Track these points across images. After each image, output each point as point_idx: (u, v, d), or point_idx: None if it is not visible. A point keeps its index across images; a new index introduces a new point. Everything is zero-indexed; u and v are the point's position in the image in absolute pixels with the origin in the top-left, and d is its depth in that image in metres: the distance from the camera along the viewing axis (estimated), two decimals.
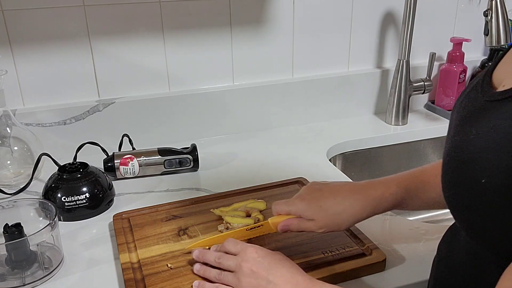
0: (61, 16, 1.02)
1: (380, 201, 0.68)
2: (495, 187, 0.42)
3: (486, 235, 0.46)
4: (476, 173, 0.44)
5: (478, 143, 0.45)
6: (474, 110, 0.49)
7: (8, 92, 0.99)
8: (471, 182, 0.45)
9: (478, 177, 0.44)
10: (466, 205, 0.47)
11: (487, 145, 0.44)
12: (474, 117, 0.48)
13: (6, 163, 0.99)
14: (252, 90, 1.21)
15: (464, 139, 0.48)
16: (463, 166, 0.47)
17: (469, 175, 0.46)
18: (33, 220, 0.78)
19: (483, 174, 0.44)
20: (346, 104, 1.32)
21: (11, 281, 0.69)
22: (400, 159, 1.28)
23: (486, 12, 1.07)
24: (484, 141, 0.45)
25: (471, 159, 0.46)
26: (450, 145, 0.51)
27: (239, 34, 1.16)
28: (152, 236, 0.79)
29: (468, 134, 0.48)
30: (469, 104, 0.51)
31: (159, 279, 0.68)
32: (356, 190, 0.69)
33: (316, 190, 0.70)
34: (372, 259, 0.70)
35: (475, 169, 0.45)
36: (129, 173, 1.00)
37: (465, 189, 0.46)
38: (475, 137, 0.46)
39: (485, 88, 0.50)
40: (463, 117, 0.51)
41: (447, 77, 1.34)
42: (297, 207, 0.68)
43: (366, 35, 1.28)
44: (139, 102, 1.12)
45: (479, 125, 0.46)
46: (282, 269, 0.59)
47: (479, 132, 0.46)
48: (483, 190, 0.43)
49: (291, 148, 1.15)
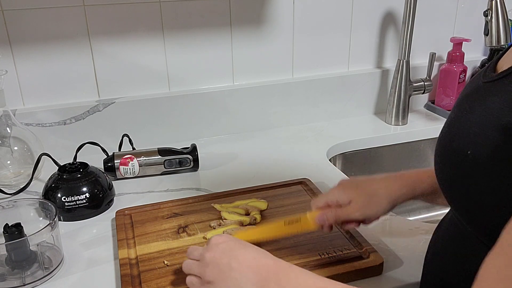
0: (61, 16, 1.02)
1: (417, 182, 0.68)
2: (479, 159, 0.43)
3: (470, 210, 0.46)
4: (463, 145, 0.46)
5: (470, 118, 0.47)
6: (471, 91, 0.51)
7: (8, 92, 0.99)
8: (457, 154, 0.47)
9: (465, 149, 0.45)
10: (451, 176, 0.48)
11: (477, 119, 0.45)
12: (471, 97, 0.50)
13: (6, 163, 0.99)
14: (252, 90, 1.21)
15: (458, 116, 0.50)
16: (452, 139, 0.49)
17: (456, 147, 0.47)
18: (33, 220, 0.78)
19: (469, 145, 0.45)
20: (346, 104, 1.32)
21: (11, 281, 0.69)
22: (400, 159, 1.28)
23: (486, 12, 1.07)
24: (476, 116, 0.46)
25: (461, 131, 0.47)
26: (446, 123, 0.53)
27: (239, 34, 1.16)
28: (152, 233, 0.79)
29: (462, 111, 0.49)
30: (469, 87, 0.53)
31: (155, 276, 0.69)
32: (394, 174, 0.70)
33: (351, 179, 0.72)
34: (369, 263, 0.70)
35: (463, 141, 0.46)
36: (129, 173, 1.00)
37: (452, 160, 0.48)
38: (468, 113, 0.48)
39: (487, 73, 0.51)
40: (461, 97, 0.53)
41: (447, 77, 1.34)
42: (333, 193, 0.69)
43: (366, 35, 1.28)
44: (139, 102, 1.12)
45: (473, 103, 0.48)
46: (246, 253, 0.55)
47: (471, 108, 0.48)
48: (467, 161, 0.44)
49: (291, 148, 1.15)
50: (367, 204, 0.66)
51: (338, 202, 0.68)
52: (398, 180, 0.68)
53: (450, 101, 1.35)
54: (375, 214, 0.67)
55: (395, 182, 0.68)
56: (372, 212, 0.67)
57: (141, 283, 0.67)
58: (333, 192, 0.69)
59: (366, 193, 0.67)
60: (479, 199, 0.44)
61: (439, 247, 0.58)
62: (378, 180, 0.69)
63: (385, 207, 0.67)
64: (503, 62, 0.51)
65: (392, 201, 0.67)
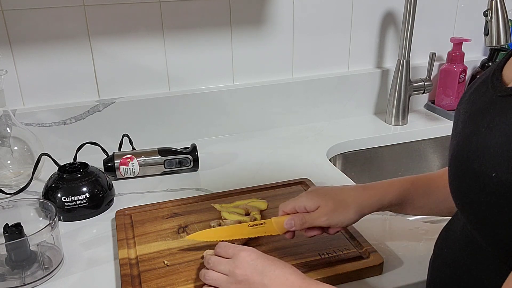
0: (61, 16, 1.02)
1: (384, 194, 0.68)
2: (505, 182, 0.42)
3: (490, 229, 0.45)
4: (485, 166, 0.44)
5: (489, 136, 0.45)
6: (485, 105, 0.49)
7: (8, 92, 0.99)
8: (479, 175, 0.45)
9: (488, 171, 0.44)
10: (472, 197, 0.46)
11: (499, 139, 0.43)
12: (486, 111, 0.48)
13: (6, 163, 0.99)
14: (252, 90, 1.21)
15: (475, 132, 0.47)
16: (472, 157, 0.46)
17: (477, 167, 0.45)
18: (33, 220, 0.78)
19: (493, 167, 0.43)
20: (346, 104, 1.32)
21: (11, 281, 0.69)
22: (400, 159, 1.28)
23: (486, 12, 1.07)
24: (496, 134, 0.44)
25: (481, 151, 0.45)
26: (460, 137, 0.50)
27: (239, 34, 1.16)
28: (152, 232, 0.79)
29: (479, 127, 0.47)
30: (479, 99, 0.51)
31: (155, 276, 0.69)
32: (363, 185, 0.71)
33: (321, 187, 0.72)
34: (369, 263, 0.70)
35: (485, 162, 0.44)
36: (129, 173, 1.00)
37: (473, 181, 0.46)
38: (486, 130, 0.46)
39: (495, 84, 0.49)
40: (473, 111, 0.50)
41: (447, 77, 1.34)
42: (301, 200, 0.69)
43: (366, 35, 1.28)
44: (139, 102, 1.12)
45: (490, 118, 0.46)
46: (276, 270, 0.58)
47: (490, 125, 0.45)
48: (492, 184, 0.43)
49: (291, 148, 1.15)
50: (334, 211, 0.67)
51: (305, 208, 0.68)
52: (366, 190, 0.69)
53: (450, 101, 1.35)
54: (341, 222, 0.67)
55: (363, 192, 0.69)
56: (339, 220, 0.67)
57: (141, 283, 0.67)
58: (302, 198, 0.69)
59: (334, 200, 0.67)
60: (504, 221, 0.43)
61: (449, 257, 0.57)
62: (347, 189, 0.70)
63: (352, 216, 0.67)
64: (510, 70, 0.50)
65: (359, 211, 0.67)
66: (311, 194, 0.70)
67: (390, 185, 0.70)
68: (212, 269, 0.63)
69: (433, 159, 1.30)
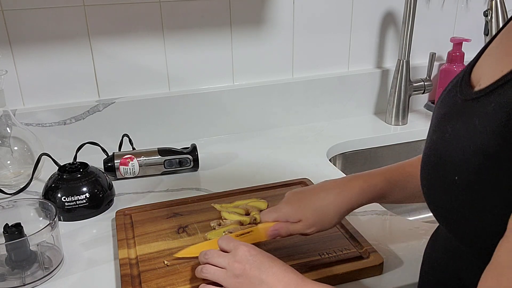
0: (61, 16, 1.02)
1: (363, 191, 0.69)
2: (468, 185, 0.43)
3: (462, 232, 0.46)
4: (449, 171, 0.45)
5: (452, 142, 0.46)
6: (451, 109, 0.50)
7: (8, 92, 0.99)
8: (445, 180, 0.46)
9: (452, 175, 0.45)
10: (442, 202, 0.48)
11: (461, 144, 0.45)
12: (451, 116, 0.49)
13: (6, 163, 0.99)
14: (252, 90, 1.21)
15: (440, 137, 0.49)
16: (438, 164, 0.48)
17: (443, 173, 0.47)
18: (33, 220, 0.78)
19: (455, 172, 0.44)
20: (346, 104, 1.32)
21: (11, 281, 0.69)
22: (400, 159, 1.27)
23: (486, 12, 1.07)
24: (458, 140, 0.45)
25: (446, 157, 0.47)
26: (428, 143, 0.52)
27: (239, 34, 1.16)
28: (152, 233, 0.79)
29: (444, 132, 0.49)
30: (448, 103, 0.52)
31: (155, 276, 0.69)
32: (338, 184, 0.70)
33: (299, 193, 0.72)
34: (369, 263, 0.70)
35: (449, 168, 0.46)
36: (129, 173, 1.00)
37: (440, 186, 0.47)
38: (450, 135, 0.47)
39: (463, 87, 0.50)
40: (441, 115, 0.52)
41: (447, 77, 1.34)
42: (283, 212, 0.69)
43: (366, 35, 1.28)
44: (139, 102, 1.12)
45: (454, 124, 0.47)
46: (274, 267, 0.59)
47: (454, 131, 0.47)
48: (456, 188, 0.44)
49: (291, 148, 1.15)
50: (317, 220, 0.68)
51: (287, 220, 0.68)
52: (342, 192, 0.69)
53: None
54: (325, 228, 0.69)
55: (339, 195, 0.68)
56: (323, 228, 0.69)
57: (141, 283, 0.67)
58: (282, 210, 0.69)
59: (314, 211, 0.68)
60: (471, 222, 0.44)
61: (436, 261, 0.57)
62: (323, 194, 0.69)
63: (334, 221, 0.69)
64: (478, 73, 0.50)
65: (340, 214, 0.68)
66: (290, 205, 0.70)
67: (367, 183, 0.70)
68: (208, 262, 0.62)
69: None
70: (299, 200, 0.70)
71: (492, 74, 0.45)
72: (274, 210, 0.70)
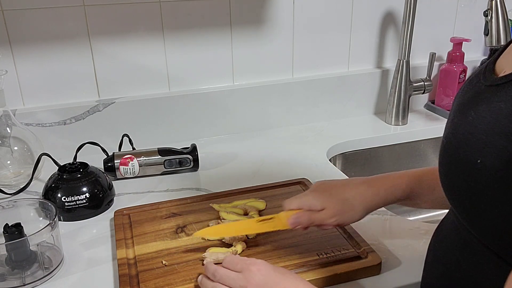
0: (61, 16, 1.02)
1: (391, 189, 0.68)
2: (490, 168, 0.42)
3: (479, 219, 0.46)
4: (472, 154, 0.45)
5: (475, 124, 0.46)
6: (474, 95, 0.50)
7: (8, 92, 0.99)
8: (466, 163, 0.45)
9: (474, 158, 0.44)
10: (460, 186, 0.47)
11: (485, 126, 0.44)
12: (474, 101, 0.49)
13: (6, 163, 1.00)
14: (252, 90, 1.21)
15: (463, 121, 0.49)
16: (459, 146, 0.47)
17: (465, 156, 0.46)
18: (33, 220, 0.78)
19: (478, 154, 0.44)
20: (346, 104, 1.32)
21: (11, 281, 0.69)
22: (400, 159, 1.28)
23: (486, 12, 1.07)
24: (482, 122, 0.45)
25: (468, 139, 0.46)
26: (449, 128, 0.52)
27: (239, 34, 1.16)
28: (150, 233, 0.79)
29: (467, 116, 0.48)
30: (471, 89, 0.52)
31: (153, 276, 0.69)
32: (367, 180, 0.70)
33: (326, 183, 0.71)
34: (367, 262, 0.70)
35: (471, 150, 0.45)
36: (129, 173, 1.00)
37: (461, 169, 0.47)
38: (473, 119, 0.47)
39: (487, 75, 0.50)
40: (464, 101, 0.51)
41: (447, 77, 1.34)
42: (307, 198, 0.68)
43: (366, 35, 1.28)
44: (139, 102, 1.12)
45: (478, 107, 0.47)
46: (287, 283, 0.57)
47: (477, 114, 0.46)
48: (478, 170, 0.43)
49: (291, 148, 1.15)
50: (342, 212, 0.67)
51: (310, 207, 0.68)
52: (371, 187, 0.68)
53: (450, 101, 1.35)
54: (349, 220, 0.68)
55: (368, 189, 0.68)
56: (347, 219, 0.68)
57: (139, 283, 0.67)
58: (307, 197, 0.69)
59: (340, 201, 0.67)
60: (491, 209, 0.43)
61: (440, 253, 0.57)
62: (351, 186, 0.69)
63: (360, 214, 0.68)
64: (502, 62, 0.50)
65: (366, 209, 0.68)
66: (316, 193, 0.69)
67: (396, 180, 0.69)
68: (220, 282, 0.60)
69: (433, 159, 1.30)
70: (325, 190, 0.69)
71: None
72: (298, 197, 0.70)
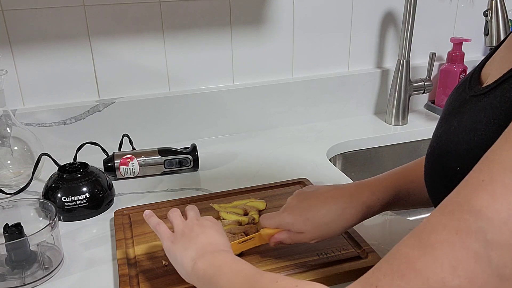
0: (61, 16, 1.02)
1: (369, 206, 0.67)
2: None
3: None
4: (453, 161, 0.47)
5: (457, 133, 0.48)
6: (459, 104, 0.51)
7: (8, 92, 0.99)
8: (448, 170, 0.47)
9: (454, 165, 0.46)
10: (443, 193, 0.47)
11: (466, 135, 0.46)
12: (458, 110, 0.50)
13: (6, 163, 1.00)
14: (252, 90, 1.21)
15: (446, 130, 0.50)
16: (442, 154, 0.49)
17: (446, 163, 0.48)
18: (33, 220, 0.78)
19: (459, 162, 0.46)
20: (346, 104, 1.32)
21: (11, 281, 0.69)
22: (400, 159, 1.28)
23: (486, 12, 1.07)
24: (463, 131, 0.47)
25: (450, 148, 0.48)
26: (434, 137, 0.53)
27: (239, 34, 1.16)
28: (151, 232, 0.79)
29: (450, 126, 0.50)
30: (456, 98, 0.53)
31: (153, 276, 0.69)
32: (344, 195, 0.67)
33: (302, 201, 0.68)
34: (367, 263, 0.70)
35: (453, 157, 0.47)
36: (129, 173, 1.00)
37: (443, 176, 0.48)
38: (455, 128, 0.48)
39: (472, 84, 0.51)
40: (449, 110, 0.53)
41: (447, 77, 1.34)
42: (286, 222, 0.67)
43: (366, 35, 1.28)
44: (139, 102, 1.12)
45: (460, 117, 0.49)
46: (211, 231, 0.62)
47: (460, 123, 0.48)
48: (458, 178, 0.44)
49: (291, 148, 1.15)
50: (320, 234, 0.66)
51: (289, 229, 0.67)
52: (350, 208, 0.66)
53: None
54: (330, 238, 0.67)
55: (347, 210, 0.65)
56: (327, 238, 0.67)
57: (139, 283, 0.67)
58: (285, 219, 0.67)
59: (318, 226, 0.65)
60: None
61: None
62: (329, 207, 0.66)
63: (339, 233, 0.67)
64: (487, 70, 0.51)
65: (346, 228, 0.67)
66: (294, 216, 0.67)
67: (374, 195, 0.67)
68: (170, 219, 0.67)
69: None
70: (303, 211, 0.66)
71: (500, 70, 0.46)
72: (275, 217, 0.68)
